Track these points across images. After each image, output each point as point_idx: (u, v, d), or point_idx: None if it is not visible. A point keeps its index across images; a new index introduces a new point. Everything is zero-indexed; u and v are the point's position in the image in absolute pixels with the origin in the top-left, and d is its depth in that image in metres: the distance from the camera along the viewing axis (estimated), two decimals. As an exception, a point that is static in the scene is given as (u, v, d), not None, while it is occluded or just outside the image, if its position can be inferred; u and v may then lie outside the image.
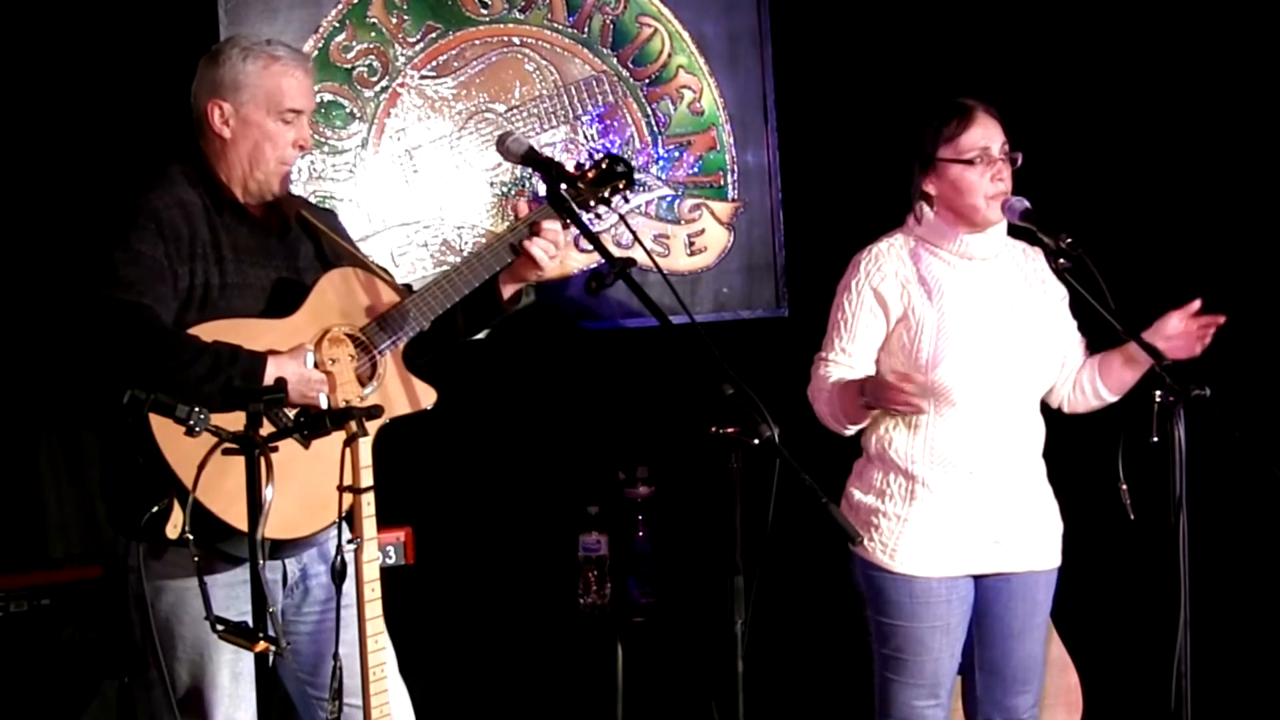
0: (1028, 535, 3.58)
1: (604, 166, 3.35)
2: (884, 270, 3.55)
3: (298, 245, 3.29)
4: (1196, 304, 3.45)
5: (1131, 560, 4.34)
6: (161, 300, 3.01)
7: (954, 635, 3.56)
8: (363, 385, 3.16)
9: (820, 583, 4.37)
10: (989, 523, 3.53)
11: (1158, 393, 3.24)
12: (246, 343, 3.01)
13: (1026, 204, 3.50)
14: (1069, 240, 3.40)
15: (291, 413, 2.75)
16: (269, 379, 2.95)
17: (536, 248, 3.25)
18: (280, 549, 3.14)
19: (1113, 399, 3.65)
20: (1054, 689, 3.99)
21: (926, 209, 3.57)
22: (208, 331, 3.02)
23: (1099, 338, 3.64)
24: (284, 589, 3.23)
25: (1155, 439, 3.21)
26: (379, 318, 3.21)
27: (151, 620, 3.09)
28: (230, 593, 3.04)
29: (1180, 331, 3.50)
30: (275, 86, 3.15)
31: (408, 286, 3.36)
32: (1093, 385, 3.65)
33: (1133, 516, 3.35)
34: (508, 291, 3.36)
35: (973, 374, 3.47)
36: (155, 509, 2.87)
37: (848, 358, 3.56)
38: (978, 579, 3.58)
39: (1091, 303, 3.43)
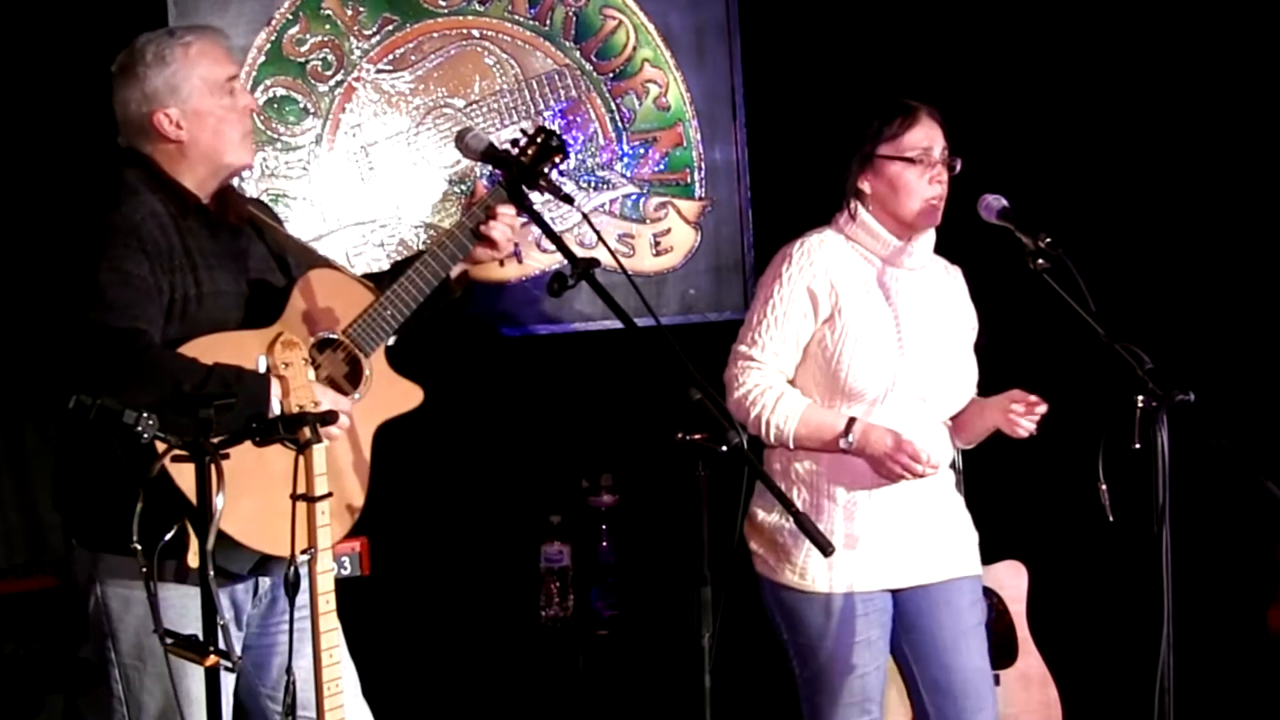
0: (940, 544, 3.54)
1: (540, 142, 3.37)
2: (815, 267, 3.49)
3: (249, 247, 3.25)
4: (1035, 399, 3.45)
5: (1112, 572, 4.34)
6: (153, 321, 2.97)
7: (877, 648, 3.51)
8: (353, 388, 3.16)
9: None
10: (898, 535, 3.48)
11: (1140, 398, 3.17)
12: (238, 357, 2.95)
13: (1004, 202, 3.47)
14: (1048, 240, 3.35)
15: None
16: (274, 398, 2.90)
17: (496, 231, 3.29)
18: (267, 565, 3.11)
19: (964, 448, 3.64)
20: (1033, 704, 3.98)
21: (860, 207, 3.53)
22: (199, 348, 2.97)
23: (1077, 341, 3.56)
24: (253, 599, 3.19)
25: (1138, 445, 3.14)
26: (360, 319, 3.19)
27: (118, 635, 3.06)
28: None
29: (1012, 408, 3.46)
30: (206, 67, 3.13)
31: (369, 278, 3.35)
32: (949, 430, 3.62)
33: (1111, 518, 3.28)
34: (455, 272, 3.38)
35: (890, 382, 3.43)
36: (170, 535, 2.74)
37: (778, 360, 3.49)
38: (896, 594, 3.53)
39: (1071, 305, 3.37)
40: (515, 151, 3.34)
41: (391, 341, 3.24)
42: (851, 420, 3.37)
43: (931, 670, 3.55)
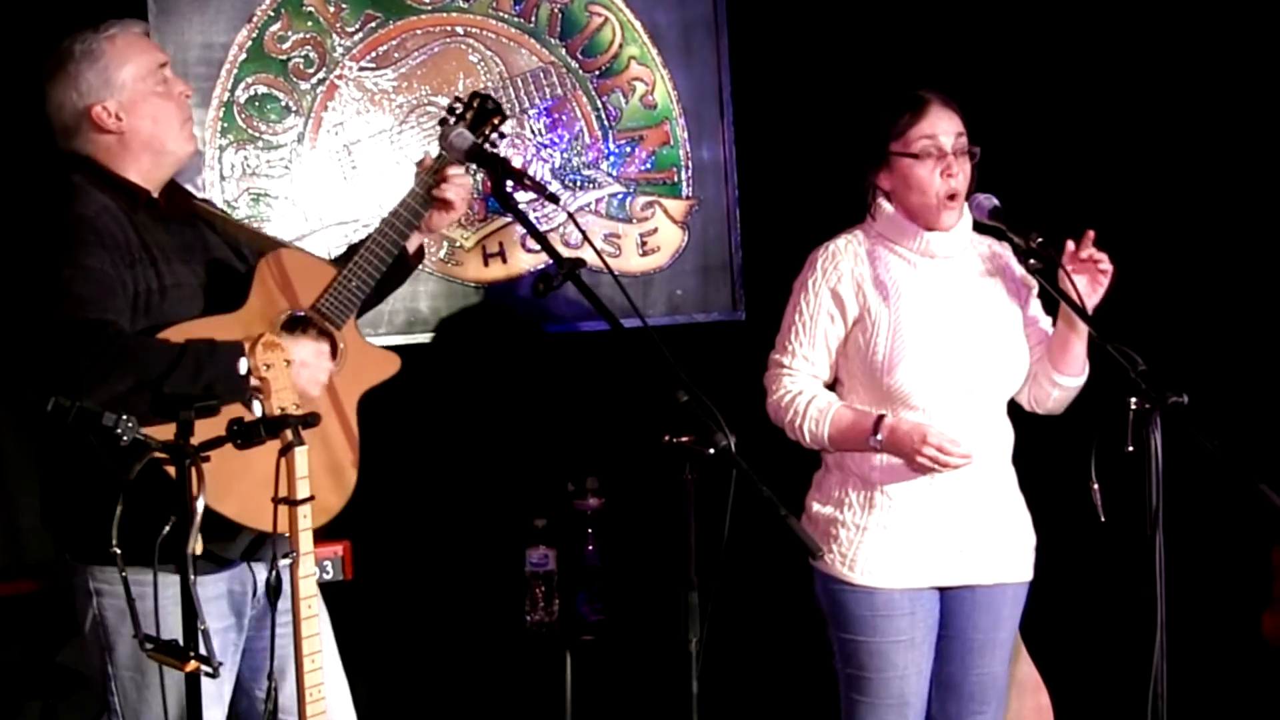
0: (994, 545, 3.51)
1: (475, 107, 3.41)
2: (840, 270, 3.49)
3: (205, 235, 3.27)
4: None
5: (1106, 576, 4.34)
6: (120, 313, 2.98)
7: (920, 651, 3.49)
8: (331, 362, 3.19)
9: (779, 599, 4.36)
10: (952, 531, 3.45)
11: (1133, 400, 3.15)
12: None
13: (995, 201, 3.47)
14: (1040, 240, 3.36)
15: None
16: (243, 367, 2.92)
17: (450, 192, 3.32)
18: (258, 550, 3.11)
19: (1070, 380, 3.55)
20: (1026, 710, 3.95)
21: (885, 204, 3.51)
22: (171, 335, 2.98)
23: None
24: (251, 599, 3.19)
25: (1130, 448, 3.11)
26: (326, 293, 3.21)
27: (115, 648, 3.07)
28: (208, 608, 2.91)
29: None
30: (136, 57, 3.16)
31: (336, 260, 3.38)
32: (1046, 374, 3.55)
33: (1104, 518, 3.27)
34: (413, 245, 3.43)
35: (932, 377, 3.40)
36: (168, 528, 2.72)
37: (810, 365, 3.51)
38: (943, 592, 3.51)
39: (1064, 304, 3.38)
40: (452, 120, 3.37)
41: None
42: (880, 418, 3.36)
43: (951, 668, 3.55)
